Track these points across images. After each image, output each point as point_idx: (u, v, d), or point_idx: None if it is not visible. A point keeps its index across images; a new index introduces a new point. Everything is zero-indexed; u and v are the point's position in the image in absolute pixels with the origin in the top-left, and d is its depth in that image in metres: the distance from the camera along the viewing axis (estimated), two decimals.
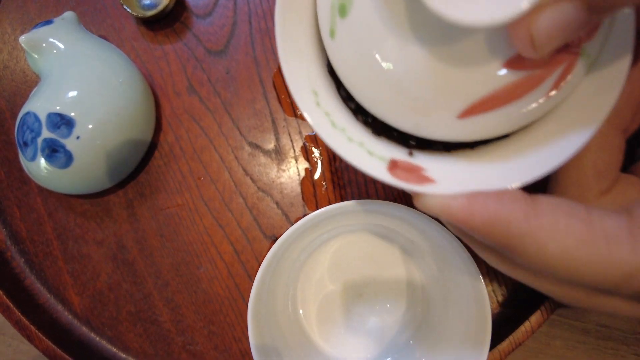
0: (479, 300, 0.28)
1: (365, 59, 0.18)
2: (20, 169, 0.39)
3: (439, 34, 0.17)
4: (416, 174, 0.19)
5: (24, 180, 0.39)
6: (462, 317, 0.30)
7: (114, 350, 0.37)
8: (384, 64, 0.18)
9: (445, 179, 0.19)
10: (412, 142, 0.21)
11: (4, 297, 0.35)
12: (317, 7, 0.21)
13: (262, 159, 0.38)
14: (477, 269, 0.28)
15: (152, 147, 0.38)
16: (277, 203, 0.37)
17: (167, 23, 0.40)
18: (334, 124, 0.20)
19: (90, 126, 0.34)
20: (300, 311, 0.35)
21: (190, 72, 0.39)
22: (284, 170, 0.38)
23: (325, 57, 0.22)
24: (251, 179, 0.38)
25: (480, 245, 0.21)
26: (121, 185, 0.38)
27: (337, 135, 0.20)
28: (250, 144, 0.38)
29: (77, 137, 0.33)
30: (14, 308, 0.35)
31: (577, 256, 0.16)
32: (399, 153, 0.20)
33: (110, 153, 0.35)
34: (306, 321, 0.35)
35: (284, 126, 0.38)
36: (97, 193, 0.38)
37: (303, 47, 0.21)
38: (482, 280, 0.28)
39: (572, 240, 0.16)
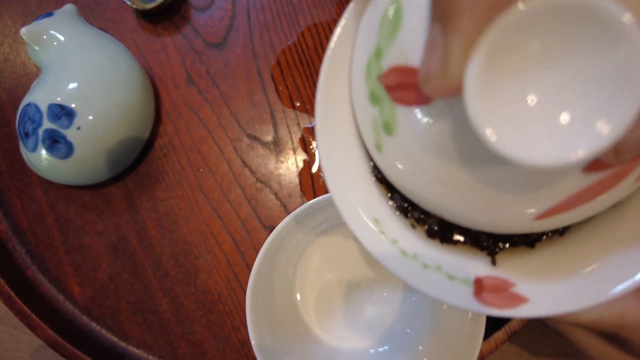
0: None
1: (424, 173, 0.16)
2: (21, 161, 0.39)
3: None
4: (506, 293, 0.17)
5: (25, 172, 0.39)
6: None
7: (115, 339, 0.38)
8: (448, 182, 0.16)
9: (540, 296, 0.16)
10: (489, 243, 0.18)
11: (6, 286, 0.36)
12: (358, 123, 0.19)
13: (261, 150, 0.38)
14: None
15: (152, 138, 0.39)
16: (275, 194, 0.38)
17: (166, 16, 0.40)
18: (405, 253, 0.18)
19: (90, 117, 0.34)
20: (299, 300, 0.35)
21: (189, 64, 0.39)
22: (282, 162, 0.38)
23: (367, 169, 0.20)
24: (250, 170, 0.38)
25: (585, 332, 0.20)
26: (121, 176, 0.39)
27: (409, 264, 0.18)
28: (249, 136, 0.38)
29: (78, 128, 0.34)
30: (16, 297, 0.36)
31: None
32: (480, 265, 0.18)
33: (110, 144, 0.35)
34: (304, 310, 0.35)
35: (282, 118, 0.38)
36: (97, 184, 0.38)
37: (350, 165, 0.19)
38: None
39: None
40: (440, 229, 0.19)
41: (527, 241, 0.18)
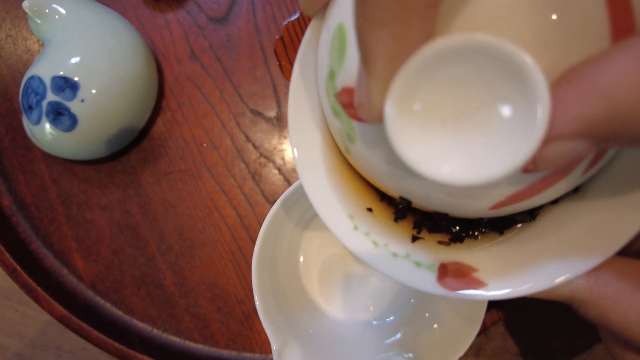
0: None
1: (385, 176, 0.18)
2: (24, 136, 0.39)
3: None
4: (467, 278, 0.18)
5: (28, 147, 0.39)
6: None
7: (119, 313, 0.38)
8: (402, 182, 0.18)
9: (496, 282, 0.18)
10: (458, 231, 0.20)
11: (11, 260, 0.36)
12: (330, 127, 0.20)
13: (264, 125, 0.38)
14: None
15: (155, 113, 0.39)
16: (279, 169, 0.38)
17: None
18: (376, 243, 0.20)
19: (94, 91, 0.34)
20: (302, 273, 0.35)
21: (192, 39, 0.39)
22: (285, 137, 0.38)
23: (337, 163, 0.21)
24: (253, 145, 0.38)
25: None
26: (124, 151, 0.39)
27: (381, 254, 0.19)
28: (252, 111, 0.38)
29: (82, 100, 0.34)
30: (21, 271, 0.36)
31: (637, 331, 0.17)
32: (447, 252, 0.20)
33: (114, 118, 0.35)
34: (308, 283, 0.35)
35: (285, 93, 0.38)
36: (101, 159, 0.38)
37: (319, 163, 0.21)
38: None
39: (634, 314, 0.17)
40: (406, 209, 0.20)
41: (496, 229, 0.20)
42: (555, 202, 0.19)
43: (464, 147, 0.12)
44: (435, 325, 0.31)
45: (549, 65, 0.12)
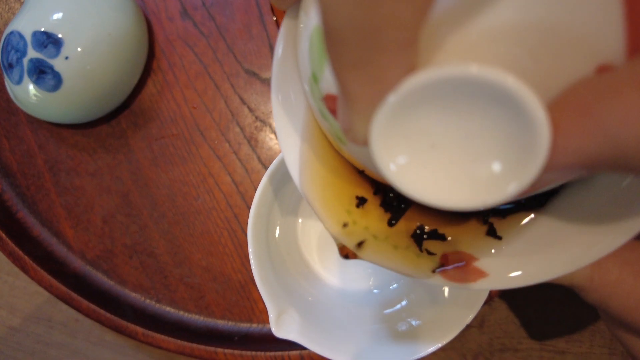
0: None
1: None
2: (8, 100, 0.37)
3: None
4: (468, 268, 0.18)
5: (12, 111, 0.38)
6: None
7: (111, 282, 0.36)
8: None
9: (497, 272, 0.18)
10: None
11: None
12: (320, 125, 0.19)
13: (260, 86, 0.36)
14: None
15: (145, 74, 0.37)
16: (275, 133, 0.36)
17: None
18: (376, 237, 0.19)
19: (79, 49, 0.32)
20: (301, 240, 0.34)
21: None
22: None
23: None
24: (248, 108, 0.36)
25: None
26: (113, 115, 0.37)
27: (383, 248, 0.19)
28: (247, 71, 0.36)
29: (66, 58, 0.32)
30: (8, 239, 0.34)
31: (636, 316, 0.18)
32: (448, 245, 0.19)
33: (101, 79, 0.33)
34: (307, 251, 0.34)
35: None
36: (89, 123, 0.37)
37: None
38: None
39: (633, 301, 0.18)
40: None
41: (499, 214, 0.19)
42: (557, 191, 0.19)
43: (456, 172, 0.12)
44: (439, 294, 0.30)
45: (550, 73, 0.12)
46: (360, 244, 0.19)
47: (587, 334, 0.36)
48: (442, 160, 0.12)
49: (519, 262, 0.18)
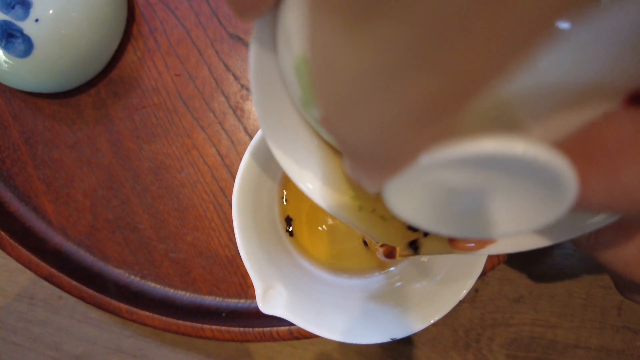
0: None
1: None
2: None
3: None
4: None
5: None
6: None
7: (93, 258, 0.35)
8: None
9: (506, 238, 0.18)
10: None
11: None
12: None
13: (245, 52, 0.34)
14: None
15: (125, 40, 0.35)
16: None
17: None
18: (384, 218, 0.19)
19: (51, 11, 0.30)
20: (289, 214, 0.33)
21: None
22: None
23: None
24: (234, 75, 0.34)
25: None
26: (92, 83, 0.35)
27: (368, 217, 0.19)
28: (232, 36, 0.34)
29: (36, 20, 0.30)
30: None
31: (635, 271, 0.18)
32: None
33: (77, 44, 0.31)
34: (296, 229, 0.33)
35: None
36: (67, 92, 0.35)
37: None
38: None
39: (629, 256, 0.18)
40: None
41: None
42: None
43: (472, 214, 0.12)
44: (431, 271, 0.29)
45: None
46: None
47: (579, 308, 0.35)
48: (459, 203, 0.12)
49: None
